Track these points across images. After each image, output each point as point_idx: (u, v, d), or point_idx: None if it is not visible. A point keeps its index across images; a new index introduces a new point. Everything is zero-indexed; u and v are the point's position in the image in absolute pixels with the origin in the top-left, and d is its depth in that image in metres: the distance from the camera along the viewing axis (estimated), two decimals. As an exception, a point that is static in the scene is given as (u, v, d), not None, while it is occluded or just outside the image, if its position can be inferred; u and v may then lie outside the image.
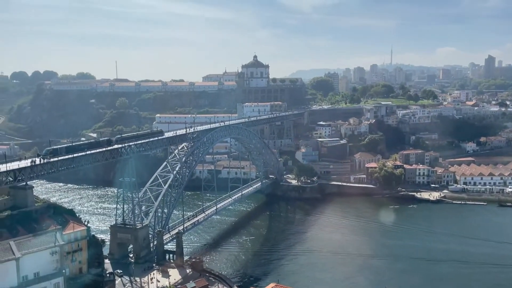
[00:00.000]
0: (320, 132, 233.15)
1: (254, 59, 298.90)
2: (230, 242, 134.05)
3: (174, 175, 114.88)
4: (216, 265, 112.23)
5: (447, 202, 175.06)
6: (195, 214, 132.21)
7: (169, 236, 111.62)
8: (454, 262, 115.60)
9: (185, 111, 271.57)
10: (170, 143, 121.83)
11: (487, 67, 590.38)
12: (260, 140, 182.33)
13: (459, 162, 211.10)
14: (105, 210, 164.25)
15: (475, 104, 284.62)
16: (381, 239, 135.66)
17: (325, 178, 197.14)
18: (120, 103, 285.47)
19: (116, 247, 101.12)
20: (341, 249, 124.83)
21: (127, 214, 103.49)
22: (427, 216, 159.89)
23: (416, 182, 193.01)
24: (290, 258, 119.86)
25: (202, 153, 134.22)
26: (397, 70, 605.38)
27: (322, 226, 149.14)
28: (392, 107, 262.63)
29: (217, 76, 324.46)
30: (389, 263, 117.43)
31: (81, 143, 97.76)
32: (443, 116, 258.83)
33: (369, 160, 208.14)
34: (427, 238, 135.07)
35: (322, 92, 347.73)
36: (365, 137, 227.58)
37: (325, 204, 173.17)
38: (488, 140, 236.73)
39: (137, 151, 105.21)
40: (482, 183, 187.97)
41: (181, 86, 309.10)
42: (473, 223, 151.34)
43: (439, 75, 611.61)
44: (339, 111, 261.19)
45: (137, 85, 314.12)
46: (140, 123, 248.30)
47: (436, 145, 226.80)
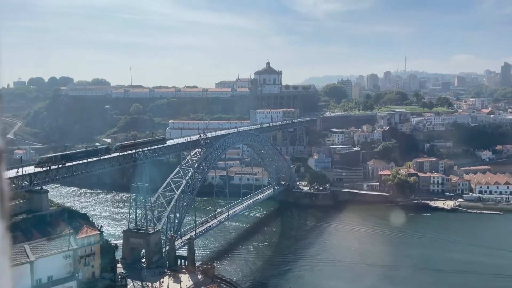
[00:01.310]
0: (333, 139, 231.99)
1: (267, 66, 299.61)
2: (242, 248, 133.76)
3: (186, 180, 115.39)
4: (228, 272, 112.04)
5: (462, 211, 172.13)
6: (207, 220, 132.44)
7: (181, 241, 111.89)
8: (470, 273, 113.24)
9: (198, 117, 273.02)
10: (183, 148, 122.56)
11: (503, 74, 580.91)
12: (273, 147, 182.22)
13: (475, 170, 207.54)
14: (118, 215, 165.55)
15: (491, 112, 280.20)
16: (396, 248, 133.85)
17: (338, 185, 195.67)
18: (134, 109, 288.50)
19: (128, 252, 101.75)
20: (355, 258, 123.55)
21: (140, 219, 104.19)
22: (442, 225, 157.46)
23: (430, 190, 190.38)
24: (303, 266, 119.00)
25: (214, 159, 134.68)
26: (411, 77, 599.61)
27: (335, 233, 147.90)
28: (406, 115, 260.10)
29: (230, 82, 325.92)
30: (407, 273, 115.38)
31: (77, 151, 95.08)
32: (458, 124, 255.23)
33: (383, 167, 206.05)
34: (444, 247, 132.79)
35: (335, 98, 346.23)
36: (379, 144, 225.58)
37: (338, 211, 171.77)
38: (504, 148, 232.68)
39: (150, 156, 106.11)
40: (498, 192, 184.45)
41: (194, 92, 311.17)
42: (490, 232, 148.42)
43: (454, 83, 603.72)
44: (352, 118, 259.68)
45: (151, 91, 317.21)
46: (154, 128, 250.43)
47: (451, 153, 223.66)
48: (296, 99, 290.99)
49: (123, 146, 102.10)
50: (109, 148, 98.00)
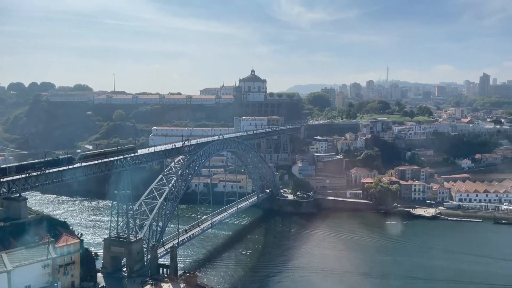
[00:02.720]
0: (317, 147, 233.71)
1: (252, 74, 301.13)
2: (225, 256, 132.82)
3: (169, 188, 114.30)
4: (211, 280, 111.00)
5: (442, 218, 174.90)
6: (190, 228, 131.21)
7: (164, 250, 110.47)
8: (450, 281, 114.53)
9: (182, 124, 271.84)
10: (166, 155, 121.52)
11: (482, 84, 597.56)
12: (257, 154, 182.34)
13: (455, 178, 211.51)
14: (98, 223, 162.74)
15: (470, 121, 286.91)
16: (377, 255, 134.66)
17: (321, 193, 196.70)
18: (116, 115, 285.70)
19: (109, 261, 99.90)
20: (337, 266, 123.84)
21: (121, 227, 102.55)
22: (423, 232, 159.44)
23: (412, 198, 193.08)
24: (286, 274, 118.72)
25: (198, 166, 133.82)
26: (393, 86, 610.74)
27: (318, 241, 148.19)
28: (388, 123, 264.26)
29: (215, 89, 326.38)
30: (386, 281, 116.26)
31: (37, 161, 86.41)
32: (438, 133, 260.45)
33: (365, 175, 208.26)
34: (423, 254, 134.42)
35: (318, 107, 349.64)
36: (361, 152, 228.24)
37: (321, 219, 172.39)
38: (483, 157, 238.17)
39: (132, 163, 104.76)
40: (478, 200, 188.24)
41: (178, 99, 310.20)
42: (468, 240, 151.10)
43: (434, 92, 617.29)
44: (336, 126, 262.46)
45: (134, 97, 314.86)
46: (137, 135, 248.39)
47: (432, 161, 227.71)
48: (280, 107, 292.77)
49: (88, 156, 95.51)
50: (72, 158, 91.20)
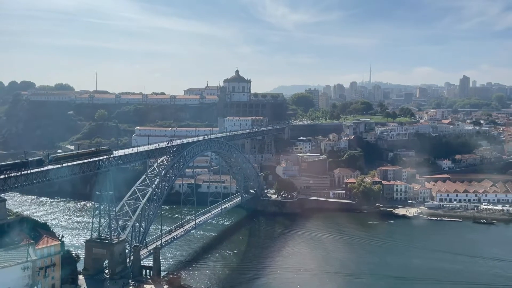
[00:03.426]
0: (301, 148, 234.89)
1: (236, 74, 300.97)
2: (209, 257, 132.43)
3: (153, 189, 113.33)
4: (195, 281, 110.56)
5: (423, 218, 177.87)
6: (173, 229, 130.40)
7: (147, 251, 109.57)
8: (431, 280, 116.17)
9: (166, 124, 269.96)
10: (149, 156, 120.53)
11: (462, 86, 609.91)
12: (241, 155, 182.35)
13: (435, 179, 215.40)
14: (80, 224, 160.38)
15: (451, 123, 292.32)
16: (360, 255, 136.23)
17: (305, 193, 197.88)
18: (99, 115, 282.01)
19: (91, 263, 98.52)
20: (320, 266, 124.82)
21: (103, 228, 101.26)
22: (404, 232, 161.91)
23: (394, 198, 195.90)
24: (270, 274, 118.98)
25: (182, 167, 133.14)
26: (375, 88, 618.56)
27: (302, 241, 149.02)
28: (371, 124, 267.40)
29: (199, 89, 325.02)
30: (367, 281, 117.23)
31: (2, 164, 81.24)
32: (419, 134, 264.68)
33: (348, 175, 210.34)
34: (405, 253, 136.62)
35: (302, 108, 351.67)
36: (345, 153, 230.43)
37: (305, 219, 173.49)
38: (463, 157, 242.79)
39: (115, 164, 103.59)
40: (458, 200, 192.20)
41: (162, 99, 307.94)
42: (449, 239, 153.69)
43: (416, 94, 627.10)
44: (319, 127, 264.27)
45: (117, 97, 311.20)
46: (120, 135, 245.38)
47: (413, 162, 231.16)
48: (264, 108, 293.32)
49: (59, 158, 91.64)
50: (42, 160, 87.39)
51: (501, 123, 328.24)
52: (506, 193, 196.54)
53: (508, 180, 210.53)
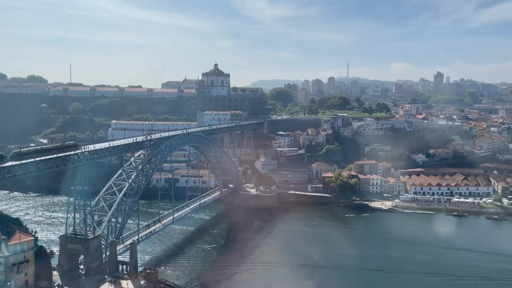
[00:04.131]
0: (279, 142, 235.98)
1: (215, 68, 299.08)
2: (188, 252, 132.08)
3: (129, 183, 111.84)
4: (172, 276, 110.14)
5: (398, 211, 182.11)
6: (151, 224, 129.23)
7: (123, 246, 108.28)
8: (404, 272, 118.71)
9: (143, 118, 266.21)
10: (126, 150, 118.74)
11: (436, 83, 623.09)
12: (220, 149, 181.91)
13: (410, 172, 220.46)
14: (54, 219, 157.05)
15: (425, 118, 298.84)
16: (336, 247, 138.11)
17: (284, 187, 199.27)
18: (73, 108, 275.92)
19: (65, 259, 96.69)
20: (297, 259, 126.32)
21: (78, 223, 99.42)
22: (379, 224, 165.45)
23: (370, 192, 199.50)
24: (247, 268, 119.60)
25: (159, 161, 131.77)
26: (353, 83, 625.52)
27: (281, 235, 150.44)
28: (348, 119, 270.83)
29: (177, 83, 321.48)
30: (342, 273, 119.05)
31: None
32: (395, 129, 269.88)
33: (326, 169, 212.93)
34: (380, 245, 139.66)
35: (281, 102, 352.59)
36: (322, 147, 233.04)
37: (283, 213, 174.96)
38: (436, 152, 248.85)
39: (90, 158, 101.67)
40: (431, 193, 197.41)
41: (139, 92, 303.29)
42: (422, 231, 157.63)
43: (392, 89, 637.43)
44: (298, 122, 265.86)
45: (92, 90, 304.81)
46: (95, 129, 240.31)
47: (389, 156, 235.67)
48: (244, 102, 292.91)
49: (22, 154, 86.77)
50: (3, 156, 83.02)
51: (473, 118, 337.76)
52: (477, 186, 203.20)
53: (479, 173, 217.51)
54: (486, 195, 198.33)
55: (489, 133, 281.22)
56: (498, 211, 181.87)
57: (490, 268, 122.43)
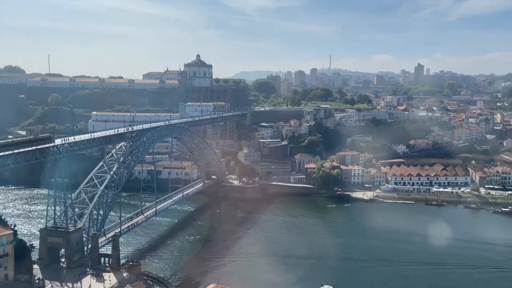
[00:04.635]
0: (262, 133, 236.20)
1: (197, 59, 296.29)
2: (170, 244, 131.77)
3: (111, 175, 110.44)
4: (155, 268, 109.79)
5: (379, 201, 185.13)
6: (133, 216, 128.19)
7: (105, 239, 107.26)
8: (384, 261, 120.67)
9: (124, 109, 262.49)
10: (107, 142, 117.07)
11: (416, 74, 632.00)
12: (203, 140, 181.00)
13: (391, 163, 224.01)
14: (34, 213, 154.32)
15: (406, 109, 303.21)
16: (318, 237, 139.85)
17: (267, 178, 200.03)
18: (52, 99, 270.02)
19: (46, 252, 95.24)
20: (280, 250, 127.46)
21: (59, 216, 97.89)
22: (361, 214, 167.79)
23: (352, 182, 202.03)
24: (231, 259, 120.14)
25: (141, 153, 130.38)
26: (335, 75, 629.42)
27: (264, 226, 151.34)
28: (331, 110, 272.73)
29: (159, 74, 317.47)
30: (325, 263, 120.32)
31: None
32: (376, 120, 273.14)
33: (308, 161, 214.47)
34: (361, 235, 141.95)
35: (264, 93, 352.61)
36: (305, 138, 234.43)
37: (266, 204, 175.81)
38: (416, 143, 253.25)
39: (70, 150, 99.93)
40: (411, 183, 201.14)
41: (119, 83, 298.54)
42: (402, 220, 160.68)
43: (373, 81, 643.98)
44: (281, 113, 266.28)
45: (72, 80, 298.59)
46: (75, 120, 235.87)
47: (370, 147, 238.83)
48: (226, 93, 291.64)
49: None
50: None
51: (452, 109, 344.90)
52: (455, 177, 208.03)
53: (457, 164, 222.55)
54: (464, 185, 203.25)
55: (468, 124, 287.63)
56: (475, 200, 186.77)
57: (469, 255, 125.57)
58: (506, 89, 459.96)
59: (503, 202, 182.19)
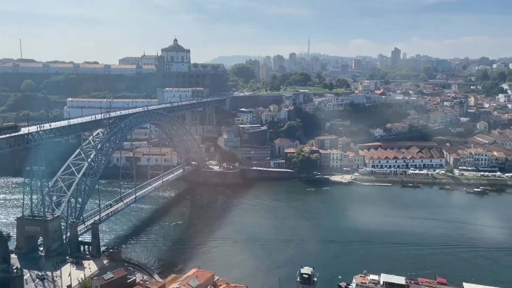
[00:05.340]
0: (242, 119, 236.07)
1: (175, 43, 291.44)
2: (151, 230, 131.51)
3: (88, 163, 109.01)
4: (136, 255, 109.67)
5: (357, 184, 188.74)
6: (112, 203, 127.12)
7: (84, 227, 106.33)
8: (362, 243, 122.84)
9: (100, 95, 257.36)
10: (83, 129, 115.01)
11: (393, 58, 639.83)
12: (182, 126, 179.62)
13: (368, 146, 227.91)
14: (10, 201, 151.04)
15: (383, 93, 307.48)
16: (299, 221, 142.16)
17: (247, 163, 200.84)
18: (25, 86, 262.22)
19: (23, 241, 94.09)
20: (262, 233, 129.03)
21: (36, 205, 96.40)
22: (339, 197, 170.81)
23: (330, 166, 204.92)
24: (212, 245, 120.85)
25: (119, 140, 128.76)
26: (314, 59, 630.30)
27: (244, 210, 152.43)
28: (309, 95, 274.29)
29: (135, 59, 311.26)
30: (306, 245, 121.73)
31: None
32: (354, 104, 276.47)
33: (288, 145, 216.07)
34: (340, 218, 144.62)
35: (243, 78, 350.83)
36: (285, 123, 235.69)
37: (247, 189, 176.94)
38: (393, 126, 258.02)
39: (46, 137, 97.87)
40: (388, 166, 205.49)
41: (95, 68, 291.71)
42: (379, 202, 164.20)
43: (351, 65, 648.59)
44: (260, 98, 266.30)
45: (45, 66, 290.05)
46: (50, 107, 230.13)
47: (348, 131, 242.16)
48: (205, 78, 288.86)
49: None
50: None
51: (428, 93, 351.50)
52: (430, 159, 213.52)
53: (432, 146, 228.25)
54: (439, 166, 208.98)
55: (443, 107, 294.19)
56: (449, 181, 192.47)
57: (444, 235, 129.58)
58: (479, 72, 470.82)
59: (475, 183, 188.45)
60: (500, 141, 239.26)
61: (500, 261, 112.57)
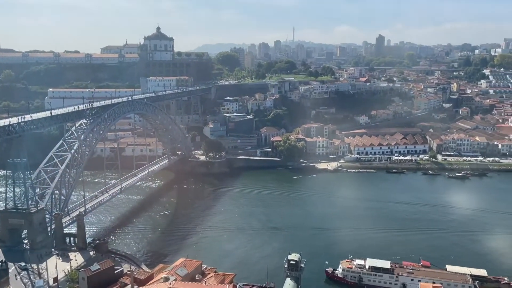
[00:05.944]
0: (228, 108, 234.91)
1: (158, 31, 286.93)
2: (137, 221, 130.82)
3: (72, 154, 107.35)
4: (123, 246, 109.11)
5: (343, 171, 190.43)
6: (97, 195, 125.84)
7: (69, 218, 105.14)
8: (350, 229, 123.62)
9: (82, 85, 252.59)
10: (66, 119, 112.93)
11: (377, 45, 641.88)
12: (166, 116, 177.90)
13: (353, 134, 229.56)
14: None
15: (367, 80, 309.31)
16: (286, 209, 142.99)
17: (233, 152, 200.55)
18: (5, 76, 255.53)
19: (7, 234, 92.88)
20: (250, 222, 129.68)
21: (19, 197, 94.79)
22: (325, 184, 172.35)
23: (317, 154, 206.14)
24: (200, 234, 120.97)
25: (103, 130, 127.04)
26: (299, 47, 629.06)
27: (231, 200, 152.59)
28: (295, 83, 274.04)
29: (117, 48, 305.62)
30: (294, 233, 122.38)
31: None
32: (340, 92, 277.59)
33: (274, 134, 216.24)
34: (326, 204, 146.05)
35: (228, 67, 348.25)
36: (270, 112, 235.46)
37: (233, 178, 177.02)
38: (378, 113, 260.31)
39: (27, 129, 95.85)
40: (373, 153, 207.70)
41: (76, 57, 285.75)
42: (365, 188, 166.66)
43: (336, 53, 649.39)
44: (246, 87, 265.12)
45: (25, 55, 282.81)
46: (30, 98, 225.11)
47: (334, 119, 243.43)
48: (189, 67, 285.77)
49: None
50: None
51: (411, 80, 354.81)
52: (414, 145, 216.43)
53: (416, 132, 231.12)
54: (422, 152, 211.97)
55: (426, 93, 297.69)
56: (433, 166, 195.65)
57: (427, 219, 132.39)
58: (461, 59, 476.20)
59: (458, 168, 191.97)
60: (482, 126, 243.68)
61: (481, 243, 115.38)
